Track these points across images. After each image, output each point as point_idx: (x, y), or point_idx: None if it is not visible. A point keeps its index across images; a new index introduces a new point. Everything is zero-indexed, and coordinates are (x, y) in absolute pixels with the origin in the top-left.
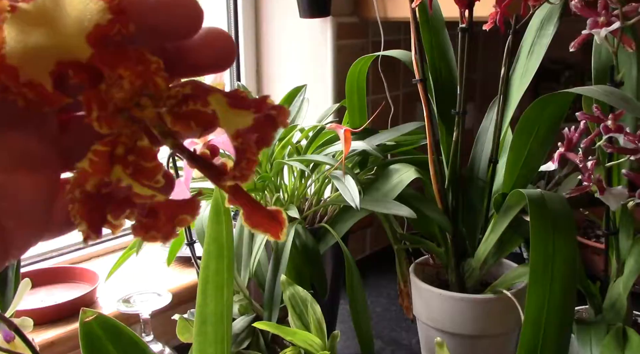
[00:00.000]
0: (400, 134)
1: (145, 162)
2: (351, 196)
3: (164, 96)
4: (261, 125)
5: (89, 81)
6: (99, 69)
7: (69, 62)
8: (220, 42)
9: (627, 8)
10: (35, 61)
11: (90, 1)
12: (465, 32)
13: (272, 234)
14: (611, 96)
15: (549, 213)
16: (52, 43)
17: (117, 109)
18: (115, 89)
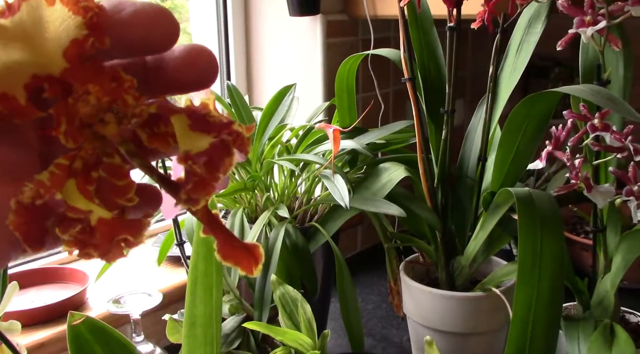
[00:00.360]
0: (390, 133)
1: (116, 179)
2: (341, 196)
3: (128, 114)
4: (214, 149)
5: (61, 95)
6: (69, 84)
7: (44, 76)
8: (202, 59)
9: (613, 7)
10: (10, 75)
11: (68, 17)
12: (454, 31)
13: (243, 268)
14: (598, 96)
15: (536, 211)
16: (29, 57)
17: (83, 124)
18: (81, 103)
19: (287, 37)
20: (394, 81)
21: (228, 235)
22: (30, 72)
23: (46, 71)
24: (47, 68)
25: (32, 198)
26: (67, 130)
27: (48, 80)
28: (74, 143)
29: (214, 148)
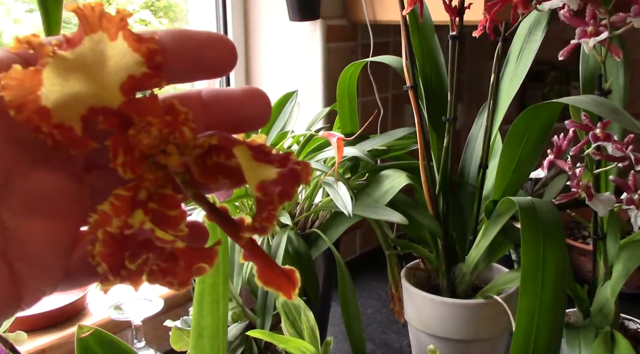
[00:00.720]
0: (392, 139)
1: (168, 209)
2: (343, 204)
3: (190, 145)
4: (285, 179)
5: (118, 127)
6: (128, 117)
7: (100, 109)
8: (260, 100)
9: (614, 18)
10: (69, 105)
11: (128, 53)
12: (456, 40)
13: (284, 293)
14: (601, 107)
15: (539, 220)
16: (87, 90)
17: (143, 155)
18: (143, 135)
19: (286, 42)
20: (392, 86)
21: (268, 261)
22: (87, 104)
23: (103, 103)
24: (103, 100)
25: (120, 228)
26: (125, 161)
27: (104, 113)
28: (132, 174)
29: (285, 178)
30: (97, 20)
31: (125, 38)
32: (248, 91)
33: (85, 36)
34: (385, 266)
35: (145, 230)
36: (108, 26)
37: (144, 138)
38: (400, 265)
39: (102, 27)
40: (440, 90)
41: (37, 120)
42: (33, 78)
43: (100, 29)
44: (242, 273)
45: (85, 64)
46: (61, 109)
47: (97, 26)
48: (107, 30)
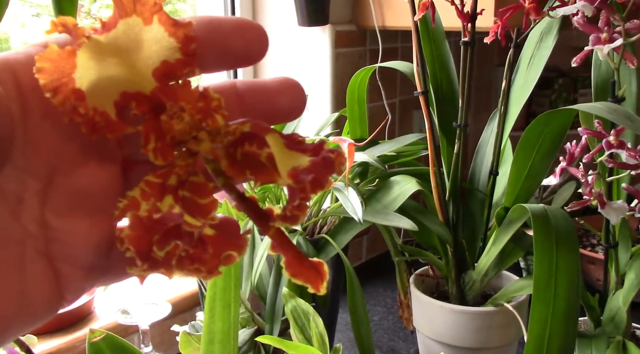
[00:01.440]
0: (401, 145)
1: (199, 197)
2: (354, 210)
3: (222, 132)
4: (318, 167)
5: (150, 113)
6: (161, 102)
7: (133, 94)
8: (295, 91)
9: (629, 25)
10: (102, 90)
11: (163, 38)
12: (468, 46)
13: (312, 286)
14: (615, 114)
15: (552, 228)
16: (120, 74)
17: (175, 141)
18: (176, 121)
19: (295, 47)
20: (400, 92)
21: (297, 253)
22: (120, 88)
23: (135, 89)
24: (136, 85)
25: (149, 212)
26: (156, 147)
27: (137, 98)
28: (164, 160)
29: (317, 166)
30: (131, 4)
31: (161, 22)
32: (284, 82)
33: (120, 20)
34: (391, 273)
35: (175, 214)
36: (142, 10)
37: (176, 124)
38: (409, 272)
39: (136, 11)
40: (451, 96)
41: (73, 101)
42: (68, 60)
43: (134, 13)
44: (251, 278)
45: (119, 48)
46: (95, 94)
47: (131, 10)
48: (142, 14)
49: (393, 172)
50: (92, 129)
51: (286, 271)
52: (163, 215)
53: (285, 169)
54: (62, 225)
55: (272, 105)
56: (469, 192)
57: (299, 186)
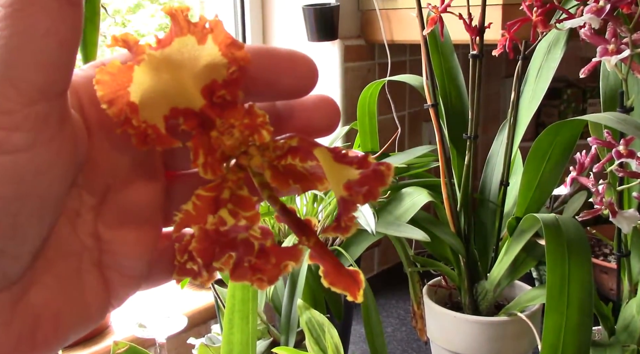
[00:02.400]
0: (412, 157)
1: (244, 211)
2: (367, 222)
3: (270, 147)
4: (370, 179)
5: (198, 128)
6: (209, 118)
7: (182, 110)
8: (330, 108)
9: (636, 36)
10: (154, 104)
11: (216, 57)
12: (477, 59)
13: (350, 293)
14: (624, 124)
15: (564, 238)
16: (171, 89)
17: (224, 156)
18: (226, 137)
19: None
20: (409, 104)
21: (335, 261)
22: (170, 104)
23: (185, 105)
24: (185, 102)
25: (216, 225)
26: (206, 162)
27: (185, 114)
28: (213, 174)
29: (369, 178)
30: (186, 23)
31: (215, 42)
32: (320, 100)
33: (175, 37)
34: (403, 284)
35: (240, 227)
36: (196, 30)
37: (227, 139)
38: (422, 283)
39: (190, 31)
40: (460, 108)
41: (127, 113)
42: (125, 74)
43: (189, 32)
44: (266, 290)
45: (172, 65)
46: (147, 107)
47: (187, 29)
48: (196, 33)
49: (404, 184)
50: (142, 141)
51: (324, 280)
52: (229, 228)
53: (339, 181)
54: (113, 237)
55: (308, 122)
56: (480, 203)
57: (352, 198)
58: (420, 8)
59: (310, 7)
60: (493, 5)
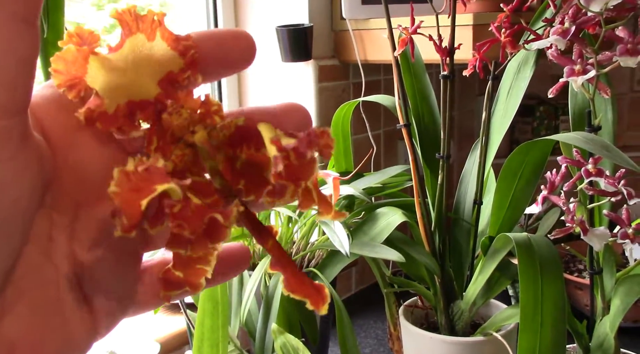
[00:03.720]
0: (386, 177)
1: (203, 197)
2: (340, 243)
3: (217, 126)
4: (302, 142)
5: (154, 118)
6: (164, 105)
7: (138, 102)
8: (299, 113)
9: (601, 57)
10: (110, 96)
11: (167, 51)
12: (447, 79)
13: (312, 302)
14: (592, 144)
15: (536, 257)
16: (127, 84)
17: (174, 138)
18: (175, 117)
19: (279, 82)
20: (384, 123)
21: (297, 270)
22: (126, 97)
23: (140, 97)
24: (141, 94)
25: (135, 166)
26: (157, 146)
27: (140, 106)
28: (164, 157)
29: (302, 141)
30: (135, 22)
31: (163, 38)
32: (290, 107)
33: (126, 39)
34: (382, 304)
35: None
36: (144, 27)
37: (175, 119)
38: (398, 303)
39: (139, 29)
40: (433, 128)
41: (86, 94)
42: (81, 63)
43: (138, 31)
44: (240, 315)
45: (126, 63)
46: (104, 97)
47: (135, 28)
48: (144, 31)
49: (379, 204)
50: (105, 121)
51: (284, 288)
52: (149, 171)
53: (277, 145)
54: (91, 257)
55: (278, 126)
56: (455, 222)
57: (281, 154)
58: (391, 30)
59: (283, 28)
60: (463, 25)
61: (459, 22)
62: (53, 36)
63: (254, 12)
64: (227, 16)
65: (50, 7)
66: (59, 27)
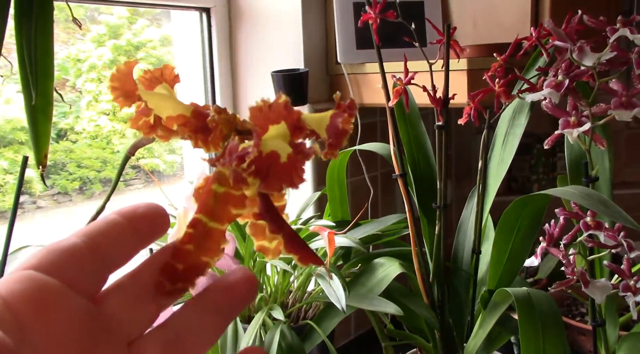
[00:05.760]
0: (383, 226)
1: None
2: (337, 298)
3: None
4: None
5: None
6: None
7: (175, 116)
8: (246, 284)
9: (595, 109)
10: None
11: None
12: (442, 129)
13: (318, 264)
14: (590, 200)
15: (537, 314)
16: (165, 105)
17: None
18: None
19: None
20: (381, 165)
21: (307, 246)
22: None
23: (178, 112)
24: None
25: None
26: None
27: (179, 120)
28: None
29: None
30: (157, 78)
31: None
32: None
33: (155, 87)
34: (381, 350)
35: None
36: (163, 79)
37: (219, 131)
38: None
39: (162, 80)
40: (429, 175)
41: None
42: (131, 81)
43: (161, 81)
44: None
45: (159, 97)
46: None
47: (159, 80)
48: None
49: (376, 254)
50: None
51: (298, 261)
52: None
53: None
54: None
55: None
56: (453, 272)
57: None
58: (385, 80)
59: (279, 74)
60: (458, 70)
61: (453, 67)
62: (42, 102)
63: (249, 56)
64: (223, 61)
65: (39, 74)
66: (48, 94)
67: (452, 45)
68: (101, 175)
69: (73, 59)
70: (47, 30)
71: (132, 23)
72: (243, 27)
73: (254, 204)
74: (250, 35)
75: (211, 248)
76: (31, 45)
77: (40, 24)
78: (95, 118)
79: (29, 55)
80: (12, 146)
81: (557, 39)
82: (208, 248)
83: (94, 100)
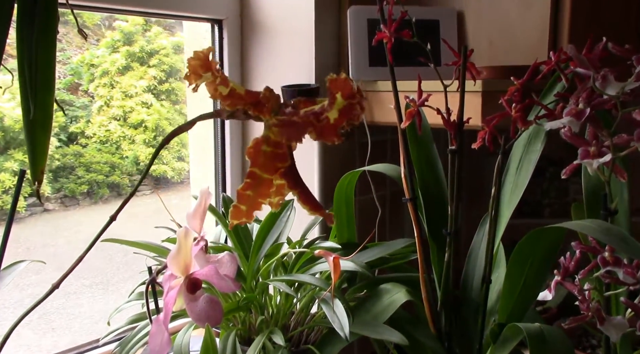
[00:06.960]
0: (391, 251)
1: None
2: (340, 325)
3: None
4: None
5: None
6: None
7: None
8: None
9: (617, 140)
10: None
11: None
12: (455, 154)
13: (320, 213)
14: (609, 235)
15: (549, 352)
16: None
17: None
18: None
19: None
20: (390, 183)
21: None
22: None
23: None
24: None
25: None
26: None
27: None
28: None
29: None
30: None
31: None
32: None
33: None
34: None
35: None
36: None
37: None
38: None
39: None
40: (440, 199)
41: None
42: (208, 63)
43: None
44: None
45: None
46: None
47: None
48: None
49: (383, 279)
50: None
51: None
52: None
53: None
54: None
55: None
56: (462, 300)
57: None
58: (397, 100)
59: (289, 89)
60: (473, 92)
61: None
62: (41, 116)
63: (260, 69)
64: (234, 73)
65: (40, 86)
66: (47, 108)
67: (468, 67)
68: (109, 180)
69: (87, 63)
70: (49, 41)
71: (147, 30)
72: (255, 39)
73: (287, 161)
74: (262, 48)
75: (264, 193)
76: (32, 56)
77: (42, 34)
78: (106, 123)
79: (29, 67)
80: (21, 147)
81: (579, 66)
82: (262, 193)
83: (105, 105)
